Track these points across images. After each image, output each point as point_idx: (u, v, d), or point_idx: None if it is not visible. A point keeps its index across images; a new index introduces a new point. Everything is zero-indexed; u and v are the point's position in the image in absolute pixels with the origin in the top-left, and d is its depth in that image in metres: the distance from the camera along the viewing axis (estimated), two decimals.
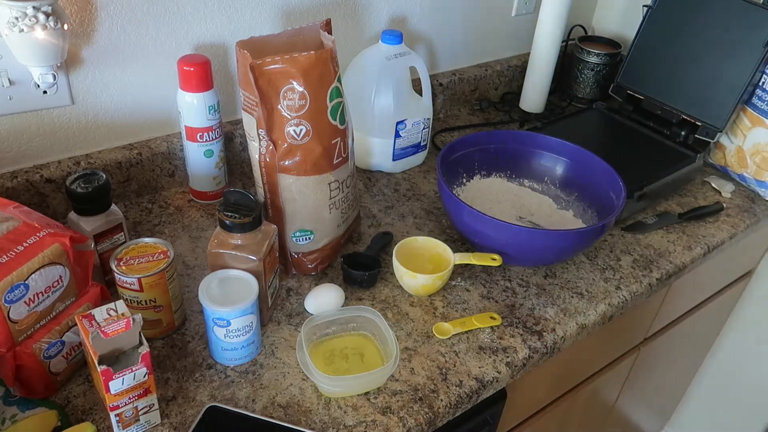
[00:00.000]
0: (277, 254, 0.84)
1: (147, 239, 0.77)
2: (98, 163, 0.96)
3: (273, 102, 0.79)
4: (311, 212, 0.86)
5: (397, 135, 1.11)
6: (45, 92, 0.89)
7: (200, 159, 0.99)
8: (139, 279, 0.72)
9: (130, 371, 0.62)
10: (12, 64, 0.84)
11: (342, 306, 0.85)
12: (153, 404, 0.67)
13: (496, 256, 0.89)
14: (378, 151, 1.12)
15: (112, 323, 0.62)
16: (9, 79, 0.85)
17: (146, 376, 0.64)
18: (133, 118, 1.00)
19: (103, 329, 0.61)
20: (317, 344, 0.79)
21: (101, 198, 0.79)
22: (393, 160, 1.14)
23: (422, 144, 1.16)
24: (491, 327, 0.85)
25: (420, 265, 0.89)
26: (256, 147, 0.83)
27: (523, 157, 1.08)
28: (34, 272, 0.64)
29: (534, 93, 1.35)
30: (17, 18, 0.77)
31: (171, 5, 0.94)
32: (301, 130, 0.80)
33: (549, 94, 1.37)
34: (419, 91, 1.13)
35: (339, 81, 0.82)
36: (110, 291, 0.77)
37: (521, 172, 1.09)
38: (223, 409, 0.70)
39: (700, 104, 1.20)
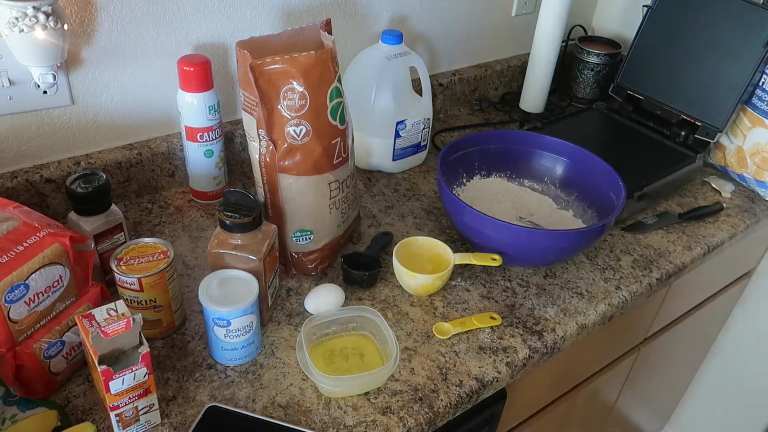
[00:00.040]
0: (277, 254, 0.84)
1: (147, 239, 0.77)
2: (98, 163, 0.96)
3: (273, 102, 0.79)
4: (311, 212, 0.86)
5: (397, 135, 1.11)
6: (45, 92, 0.89)
7: (200, 159, 0.99)
8: (139, 279, 0.72)
9: (130, 371, 0.62)
10: (12, 64, 0.84)
11: (342, 306, 0.85)
12: (153, 404, 0.67)
13: (496, 256, 0.89)
14: (378, 151, 1.12)
15: (112, 323, 0.62)
16: (9, 79, 0.85)
17: (146, 376, 0.64)
18: (133, 118, 1.00)
19: (103, 329, 0.61)
20: (317, 344, 0.79)
21: (101, 198, 0.79)
22: (393, 160, 1.14)
23: (422, 144, 1.16)
24: (491, 327, 0.86)
25: (420, 265, 0.89)
26: (256, 147, 0.83)
27: (523, 157, 1.08)
28: (34, 272, 0.64)
29: (534, 93, 1.35)
30: (17, 18, 0.77)
31: (171, 5, 0.94)
32: (301, 130, 0.80)
33: (549, 94, 1.37)
34: (419, 91, 1.13)
35: (339, 81, 0.82)
36: (110, 291, 0.77)
37: (521, 172, 1.09)
38: (223, 409, 0.70)
39: (700, 104, 1.20)
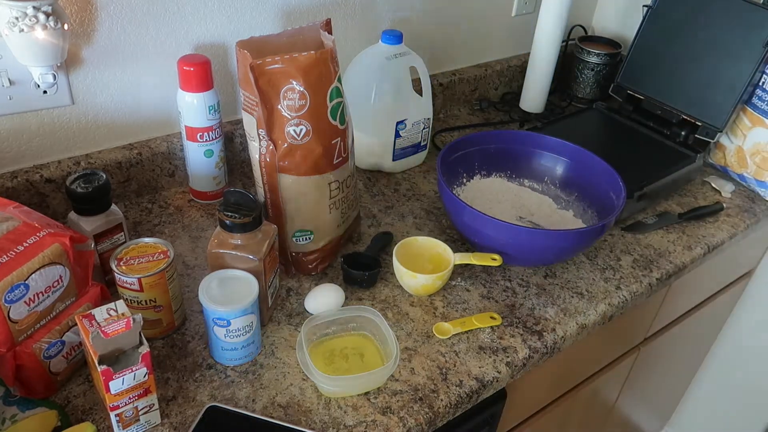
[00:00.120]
0: (277, 254, 0.84)
1: (147, 239, 0.77)
2: (98, 163, 0.96)
3: (273, 102, 0.79)
4: (311, 212, 0.86)
5: (397, 135, 1.11)
6: (45, 92, 0.89)
7: (200, 159, 0.99)
8: (139, 279, 0.72)
9: (131, 371, 0.62)
10: (12, 64, 0.84)
11: (342, 306, 0.85)
12: (153, 404, 0.67)
13: (496, 256, 0.89)
14: (378, 151, 1.12)
15: (112, 323, 0.62)
16: (9, 79, 0.85)
17: (146, 376, 0.64)
18: (133, 118, 1.00)
19: (104, 329, 0.61)
20: (317, 344, 0.79)
21: (101, 198, 0.79)
22: (393, 160, 1.14)
23: (422, 144, 1.16)
24: (491, 327, 0.85)
25: (420, 265, 0.89)
26: (256, 147, 0.83)
27: (523, 157, 1.08)
28: (34, 272, 0.64)
29: (534, 93, 1.35)
30: (17, 18, 0.77)
31: (171, 5, 0.94)
32: (301, 130, 0.80)
33: (549, 94, 1.37)
34: (419, 91, 1.13)
35: (339, 81, 0.82)
36: (110, 291, 0.77)
37: (521, 172, 1.09)
38: (223, 409, 0.70)
39: (700, 104, 1.20)
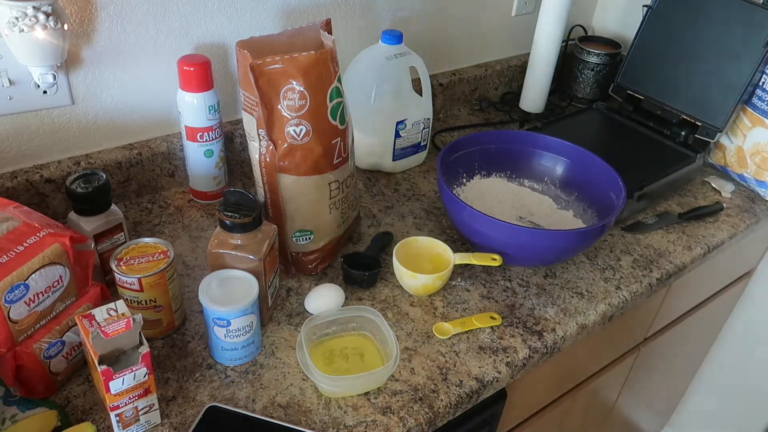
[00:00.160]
0: (277, 254, 0.84)
1: (147, 239, 0.77)
2: (98, 163, 0.96)
3: (273, 102, 0.79)
4: (311, 212, 0.86)
5: (397, 135, 1.11)
6: (45, 92, 0.89)
7: (200, 159, 0.99)
8: (139, 279, 0.72)
9: (131, 371, 0.62)
10: (12, 64, 0.84)
11: (342, 306, 0.85)
12: (153, 404, 0.67)
13: (496, 256, 0.89)
14: (378, 151, 1.12)
15: (112, 323, 0.62)
16: (9, 79, 0.85)
17: (146, 376, 0.64)
18: (133, 118, 1.00)
19: (104, 329, 0.61)
20: (317, 344, 0.79)
21: (101, 198, 0.79)
22: (393, 160, 1.14)
23: (422, 144, 1.16)
24: (491, 327, 0.85)
25: (420, 265, 0.89)
26: (256, 147, 0.83)
27: (523, 157, 1.08)
28: (34, 272, 0.64)
29: (534, 93, 1.35)
30: (17, 18, 0.77)
31: (171, 5, 0.94)
32: (301, 130, 0.80)
33: (549, 94, 1.37)
34: (419, 91, 1.13)
35: (339, 81, 0.82)
36: (110, 291, 0.77)
37: (521, 172, 1.09)
38: (223, 409, 0.70)
39: (700, 104, 1.20)
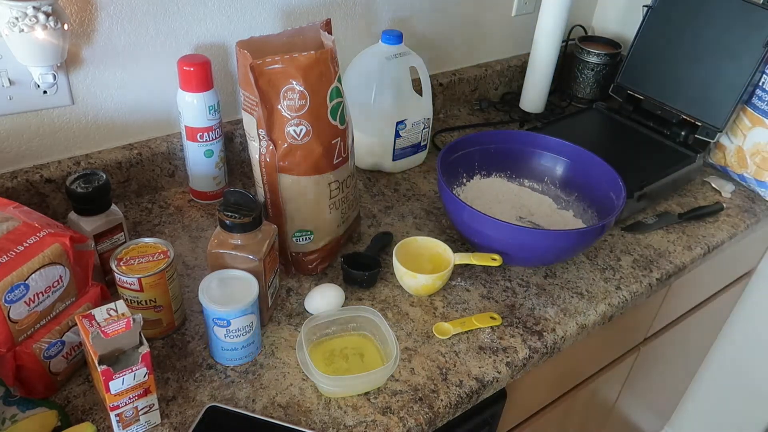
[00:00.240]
0: (277, 254, 0.84)
1: (147, 239, 0.77)
2: (98, 163, 0.96)
3: (273, 102, 0.79)
4: (311, 212, 0.86)
5: (397, 135, 1.11)
6: (45, 92, 0.89)
7: (200, 159, 0.99)
8: (139, 279, 0.72)
9: (130, 371, 0.62)
10: (12, 64, 0.84)
11: (342, 306, 0.85)
12: (153, 404, 0.67)
13: (496, 256, 0.89)
14: (378, 151, 1.12)
15: (112, 323, 0.62)
16: (9, 79, 0.85)
17: (146, 376, 0.64)
18: (133, 118, 1.00)
19: (104, 329, 0.61)
20: (317, 344, 0.79)
21: (101, 198, 0.79)
22: (393, 160, 1.14)
23: (422, 144, 1.16)
24: (491, 327, 0.85)
25: (420, 265, 0.89)
26: (256, 147, 0.83)
27: (523, 157, 1.08)
28: (34, 272, 0.64)
29: (534, 93, 1.35)
30: (17, 18, 0.77)
31: (171, 5, 0.94)
32: (301, 130, 0.80)
33: (549, 94, 1.37)
34: (419, 91, 1.13)
35: (339, 81, 0.82)
36: (110, 291, 0.77)
37: (521, 172, 1.09)
38: (223, 409, 0.70)
39: (700, 104, 1.20)
